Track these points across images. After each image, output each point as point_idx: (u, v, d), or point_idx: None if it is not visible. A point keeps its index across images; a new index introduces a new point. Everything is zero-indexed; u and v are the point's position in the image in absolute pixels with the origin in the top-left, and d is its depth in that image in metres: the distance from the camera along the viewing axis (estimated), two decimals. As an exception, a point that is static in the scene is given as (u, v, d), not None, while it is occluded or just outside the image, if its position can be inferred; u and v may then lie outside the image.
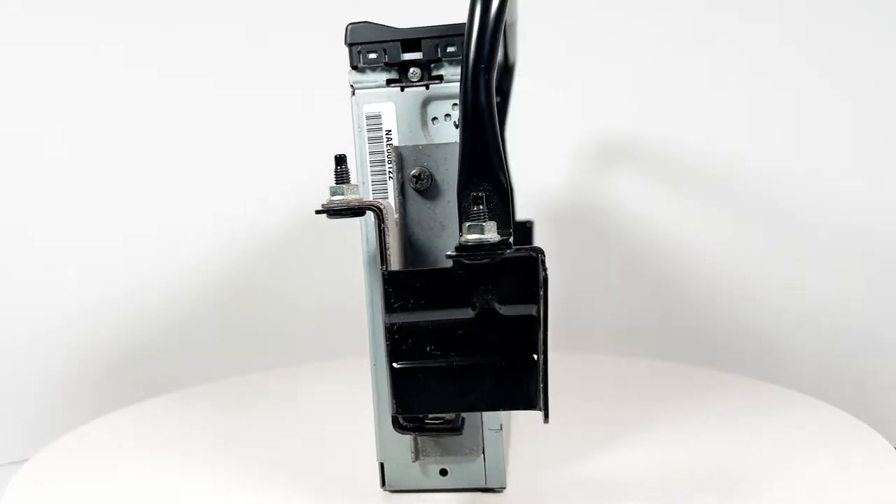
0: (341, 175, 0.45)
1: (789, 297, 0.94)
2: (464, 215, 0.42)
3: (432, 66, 0.48)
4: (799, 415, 0.65)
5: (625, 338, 1.02)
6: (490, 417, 0.50)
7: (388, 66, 0.48)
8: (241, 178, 0.99)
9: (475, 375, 0.42)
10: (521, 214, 0.84)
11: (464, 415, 0.50)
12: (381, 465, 0.51)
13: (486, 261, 0.41)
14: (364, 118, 0.49)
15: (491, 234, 0.41)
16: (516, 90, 0.85)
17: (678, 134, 0.98)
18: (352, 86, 0.49)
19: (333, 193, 0.44)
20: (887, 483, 0.49)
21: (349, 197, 0.44)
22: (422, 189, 0.49)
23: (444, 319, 0.42)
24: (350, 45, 0.48)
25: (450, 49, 0.48)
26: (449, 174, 0.48)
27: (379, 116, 0.49)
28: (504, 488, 0.51)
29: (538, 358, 0.41)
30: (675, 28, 0.97)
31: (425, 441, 0.50)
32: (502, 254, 0.41)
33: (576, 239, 1.03)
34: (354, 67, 0.49)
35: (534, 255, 0.41)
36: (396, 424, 0.45)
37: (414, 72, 0.49)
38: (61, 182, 0.94)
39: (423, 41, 0.48)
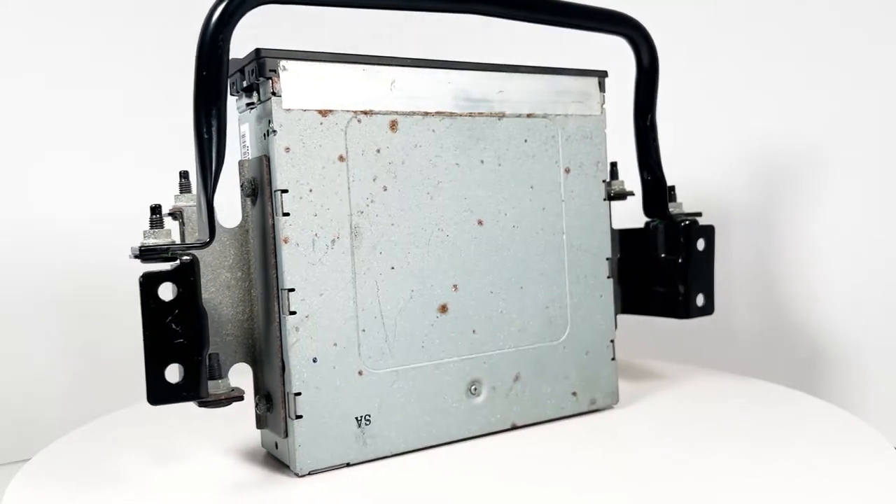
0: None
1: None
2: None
3: (259, 87, 0.55)
4: (799, 414, 0.65)
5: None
6: (290, 406, 0.54)
7: (243, 91, 0.57)
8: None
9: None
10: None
11: (269, 397, 0.57)
12: (265, 429, 0.61)
13: (159, 263, 0.49)
14: (239, 137, 0.59)
15: (152, 240, 0.49)
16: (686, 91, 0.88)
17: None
18: (237, 110, 0.60)
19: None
20: (887, 483, 0.49)
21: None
22: (248, 195, 0.57)
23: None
24: (228, 77, 0.59)
25: (258, 74, 0.54)
26: (265, 183, 0.55)
27: (245, 135, 0.58)
28: (301, 475, 0.54)
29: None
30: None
31: (266, 413, 0.58)
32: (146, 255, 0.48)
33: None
34: (234, 95, 0.59)
35: (150, 275, 0.47)
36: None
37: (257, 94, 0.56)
38: None
39: (245, 68, 0.55)
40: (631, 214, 0.77)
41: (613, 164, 0.74)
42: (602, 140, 0.67)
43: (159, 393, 0.47)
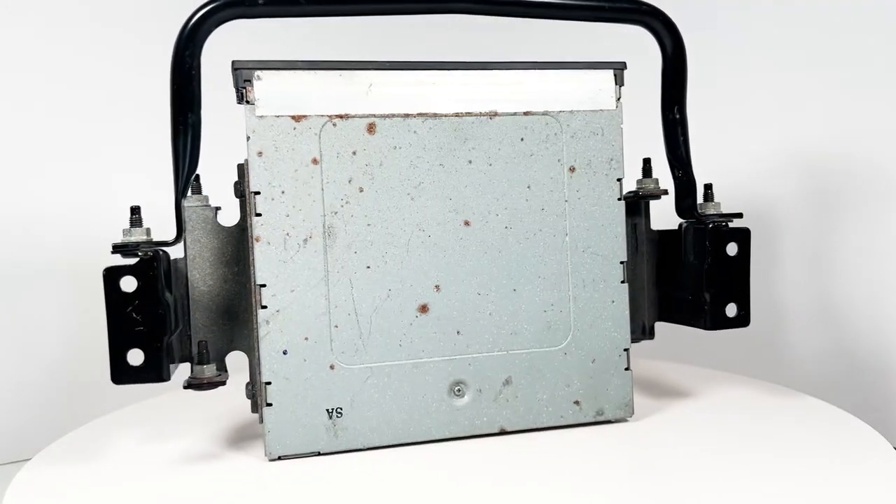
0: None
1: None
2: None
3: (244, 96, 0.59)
4: (799, 414, 0.65)
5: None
6: (262, 394, 0.58)
7: (243, 100, 0.62)
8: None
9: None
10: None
11: (254, 385, 0.61)
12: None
13: (132, 258, 0.55)
14: (247, 141, 0.64)
15: (128, 237, 0.55)
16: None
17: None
18: (247, 116, 0.64)
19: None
20: (887, 483, 0.50)
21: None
22: (238, 196, 0.61)
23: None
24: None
25: (237, 84, 0.58)
26: (245, 185, 0.59)
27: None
28: (271, 459, 0.58)
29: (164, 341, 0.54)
30: None
31: (253, 399, 0.62)
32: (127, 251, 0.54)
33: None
34: (239, 104, 0.64)
35: (111, 268, 0.53)
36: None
37: (250, 101, 0.60)
38: None
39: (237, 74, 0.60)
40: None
41: (647, 161, 0.69)
42: (616, 136, 0.63)
43: (121, 374, 0.53)
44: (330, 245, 0.59)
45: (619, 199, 0.64)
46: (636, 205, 0.70)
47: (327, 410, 0.59)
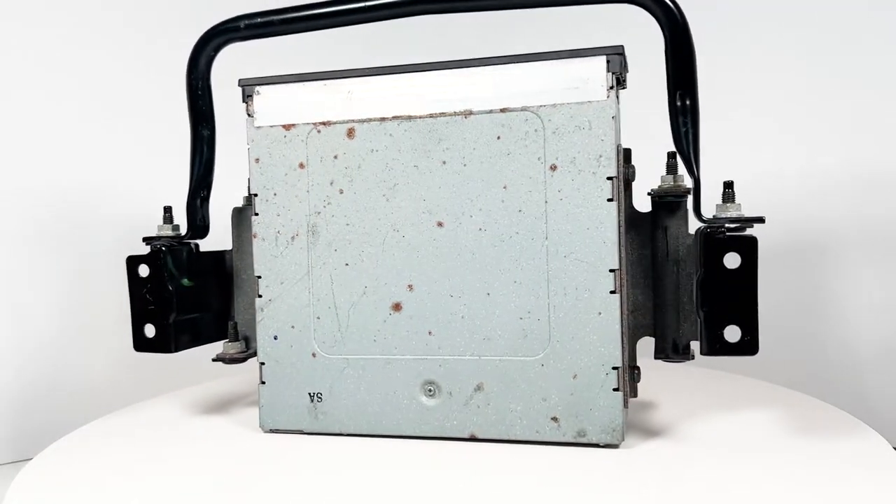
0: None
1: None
2: None
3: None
4: (799, 414, 0.66)
5: None
6: (259, 372, 0.66)
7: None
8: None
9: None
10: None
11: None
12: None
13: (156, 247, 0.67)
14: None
15: (159, 232, 0.67)
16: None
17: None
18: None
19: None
20: (887, 483, 0.50)
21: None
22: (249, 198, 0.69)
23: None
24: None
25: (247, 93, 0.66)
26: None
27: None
28: (264, 431, 0.65)
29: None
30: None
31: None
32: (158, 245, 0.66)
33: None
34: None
35: (131, 257, 0.65)
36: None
37: (262, 113, 0.68)
38: None
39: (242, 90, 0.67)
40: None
41: (671, 155, 0.61)
42: (607, 130, 0.57)
43: (140, 344, 0.65)
44: (313, 242, 0.64)
45: (610, 200, 0.57)
46: (667, 205, 0.61)
47: (309, 394, 0.64)
